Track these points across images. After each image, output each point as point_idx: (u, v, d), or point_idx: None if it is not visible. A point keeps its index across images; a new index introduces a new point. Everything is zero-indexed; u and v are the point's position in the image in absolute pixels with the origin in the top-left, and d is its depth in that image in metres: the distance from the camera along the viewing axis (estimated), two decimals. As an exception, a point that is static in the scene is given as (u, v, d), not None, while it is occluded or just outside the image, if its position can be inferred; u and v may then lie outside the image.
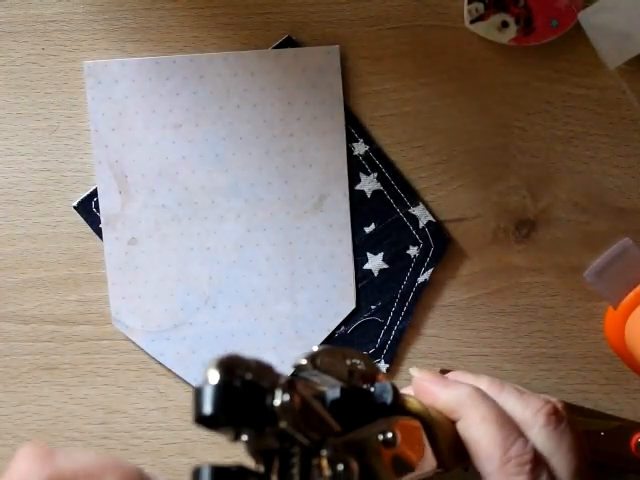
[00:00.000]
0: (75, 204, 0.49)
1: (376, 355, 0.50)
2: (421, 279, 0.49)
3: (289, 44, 0.48)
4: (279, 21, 0.49)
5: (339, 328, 0.50)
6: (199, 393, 0.26)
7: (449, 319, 0.50)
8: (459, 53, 0.49)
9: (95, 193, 0.49)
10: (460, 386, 0.37)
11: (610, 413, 0.49)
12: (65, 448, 0.28)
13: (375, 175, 0.49)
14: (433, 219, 0.49)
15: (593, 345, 0.50)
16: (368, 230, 0.49)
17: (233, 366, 0.26)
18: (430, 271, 0.49)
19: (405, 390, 0.40)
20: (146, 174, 0.49)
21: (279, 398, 0.27)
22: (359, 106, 0.49)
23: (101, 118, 0.49)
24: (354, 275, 0.49)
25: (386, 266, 0.49)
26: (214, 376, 0.26)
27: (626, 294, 0.47)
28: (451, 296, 0.50)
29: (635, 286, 0.47)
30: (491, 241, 0.49)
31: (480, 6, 0.47)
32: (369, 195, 0.49)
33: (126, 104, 0.49)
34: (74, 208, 0.49)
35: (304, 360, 0.30)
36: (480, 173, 0.49)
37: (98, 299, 0.50)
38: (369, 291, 0.50)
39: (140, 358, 0.50)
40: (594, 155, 0.49)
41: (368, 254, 0.49)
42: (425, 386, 0.38)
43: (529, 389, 0.49)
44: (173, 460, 0.50)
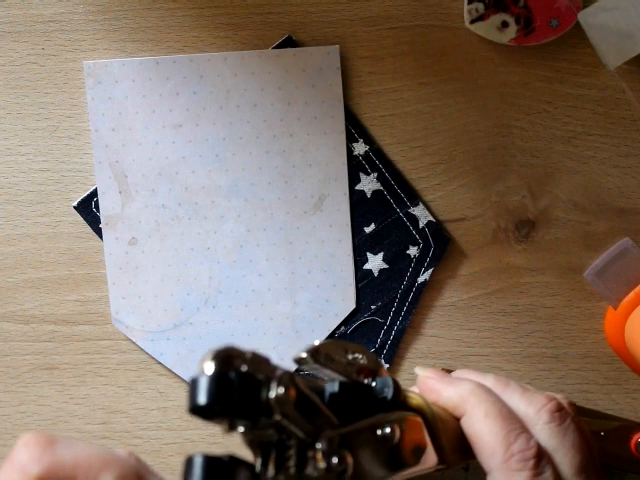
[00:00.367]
0: (75, 204, 0.49)
1: (376, 355, 0.49)
2: (421, 279, 0.49)
3: (289, 44, 0.48)
4: (279, 21, 0.49)
5: (339, 328, 0.50)
6: (194, 384, 0.26)
7: (449, 319, 0.50)
8: (459, 53, 0.49)
9: (95, 193, 0.49)
10: (463, 382, 0.37)
11: (610, 413, 0.49)
12: (66, 437, 0.28)
13: (375, 175, 0.49)
14: (433, 219, 0.49)
15: (593, 345, 0.50)
16: (368, 230, 0.49)
17: (229, 358, 0.27)
18: (430, 271, 0.49)
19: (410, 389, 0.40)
20: (146, 174, 0.49)
21: (274, 390, 0.27)
22: (359, 106, 0.49)
23: (101, 118, 0.49)
24: (354, 275, 0.49)
25: (386, 266, 0.49)
26: (209, 367, 0.26)
27: (626, 294, 0.47)
28: (451, 296, 0.50)
29: (635, 286, 0.47)
30: (491, 241, 0.49)
31: (480, 6, 0.47)
32: (369, 195, 0.49)
33: (126, 104, 0.49)
34: (74, 208, 0.49)
35: (305, 353, 0.30)
36: (480, 173, 0.49)
37: (98, 299, 0.50)
38: (369, 291, 0.50)
39: (140, 358, 0.50)
40: (594, 155, 0.49)
41: (368, 254, 0.49)
42: (429, 383, 0.38)
43: (529, 389, 0.50)
44: (173, 460, 0.50)
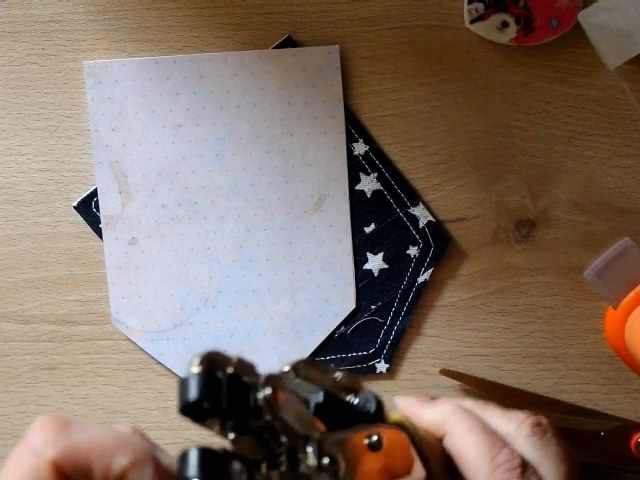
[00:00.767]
0: (75, 204, 0.49)
1: (376, 355, 0.50)
2: (421, 279, 0.49)
3: (289, 44, 0.48)
4: (279, 21, 0.49)
5: (339, 328, 0.50)
6: (183, 383, 0.26)
7: (449, 319, 0.50)
8: (459, 53, 0.49)
9: (95, 193, 0.49)
10: (444, 403, 0.38)
11: (610, 413, 0.49)
12: (80, 420, 0.28)
13: (375, 175, 0.49)
14: (433, 219, 0.49)
15: (593, 345, 0.50)
16: (368, 230, 0.49)
17: (215, 361, 0.27)
18: (430, 271, 0.49)
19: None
20: (146, 174, 0.49)
21: (262, 392, 0.27)
22: (359, 106, 0.49)
23: (101, 118, 0.49)
24: (354, 275, 0.49)
25: (386, 266, 0.49)
26: (197, 368, 0.27)
27: (626, 294, 0.47)
28: (451, 296, 0.50)
29: (635, 286, 0.47)
30: (491, 241, 0.49)
31: (480, 6, 0.47)
32: (369, 195, 0.49)
33: (126, 104, 0.49)
34: (74, 208, 0.49)
35: (287, 367, 0.31)
36: (480, 173, 0.49)
37: (98, 299, 0.50)
38: (369, 291, 0.50)
39: (140, 358, 0.50)
40: (594, 155, 0.49)
41: (368, 254, 0.49)
42: (409, 408, 0.38)
43: (529, 389, 0.50)
44: (173, 460, 0.50)
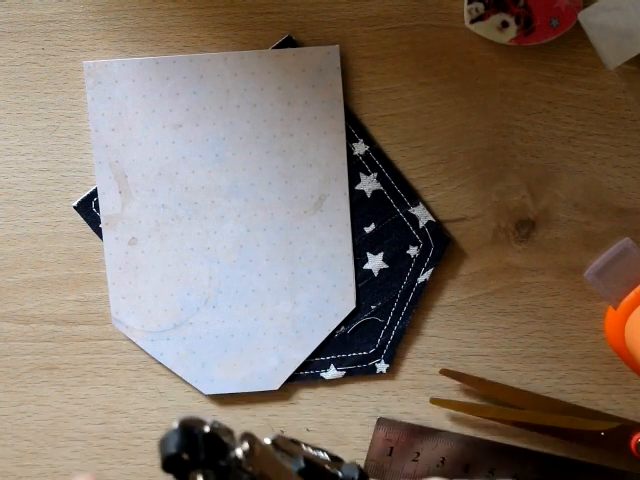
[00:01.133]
0: (75, 204, 0.49)
1: (376, 355, 0.50)
2: (421, 279, 0.49)
3: (289, 44, 0.48)
4: (279, 21, 0.49)
5: (339, 328, 0.50)
6: (163, 440, 0.28)
7: (449, 319, 0.50)
8: (459, 53, 0.49)
9: (95, 193, 0.49)
10: None
11: (610, 413, 0.49)
12: None
13: (375, 175, 0.49)
14: (433, 219, 0.49)
15: (593, 345, 0.50)
16: (368, 230, 0.49)
17: (193, 422, 0.29)
18: (430, 271, 0.49)
19: None
20: (146, 174, 0.49)
21: (240, 447, 0.29)
22: (359, 106, 0.49)
23: (101, 118, 0.49)
24: (354, 275, 0.49)
25: (386, 266, 0.49)
26: (176, 425, 0.29)
27: (626, 294, 0.47)
28: (451, 296, 0.50)
29: (635, 286, 0.47)
30: (491, 241, 0.49)
31: (480, 6, 0.47)
32: (369, 195, 0.49)
33: (126, 104, 0.49)
34: (74, 208, 0.49)
35: (267, 439, 0.32)
36: (480, 173, 0.49)
37: (98, 299, 0.50)
38: (369, 291, 0.50)
39: (140, 358, 0.50)
40: (594, 155, 0.49)
41: (368, 254, 0.49)
42: None
43: (529, 389, 0.50)
44: (173, 460, 0.50)
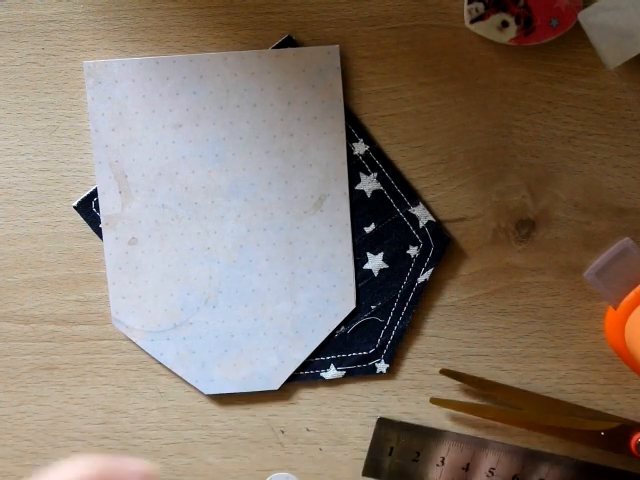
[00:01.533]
0: (75, 204, 0.49)
1: (376, 355, 0.50)
2: (421, 279, 0.49)
3: (289, 44, 0.48)
4: (279, 21, 0.49)
5: (339, 328, 0.50)
6: None
7: (449, 319, 0.50)
8: (459, 53, 0.49)
9: (95, 193, 0.49)
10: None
11: (610, 413, 0.49)
12: None
13: (375, 175, 0.49)
14: (433, 219, 0.49)
15: (593, 345, 0.50)
16: (368, 230, 0.49)
17: None
18: (430, 271, 0.49)
19: None
20: (146, 174, 0.49)
21: None
22: (359, 106, 0.49)
23: (101, 118, 0.49)
24: (354, 275, 0.49)
25: (386, 266, 0.49)
26: None
27: (626, 294, 0.47)
28: (451, 296, 0.50)
29: (635, 286, 0.47)
30: (491, 241, 0.49)
31: (480, 6, 0.47)
32: (369, 195, 0.49)
33: (126, 104, 0.49)
34: (74, 208, 0.49)
35: None
36: (480, 173, 0.49)
37: (98, 299, 0.50)
38: (369, 291, 0.50)
39: (140, 358, 0.50)
40: (594, 155, 0.49)
41: (368, 254, 0.49)
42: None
43: (529, 389, 0.50)
44: (173, 460, 0.50)
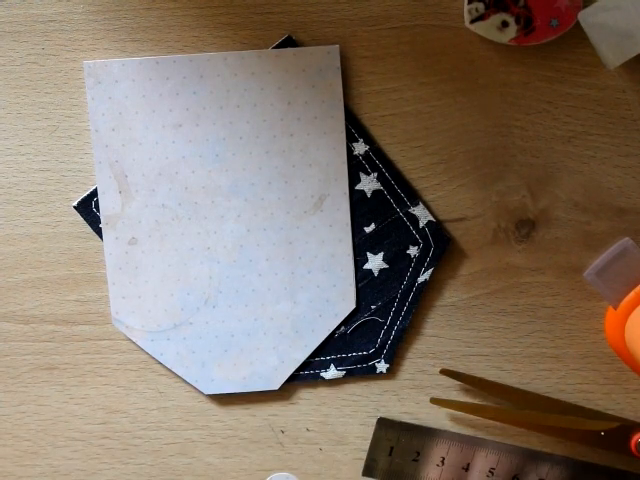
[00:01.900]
0: (75, 204, 0.49)
1: (376, 355, 0.50)
2: (421, 279, 0.49)
3: (289, 44, 0.48)
4: (279, 21, 0.49)
5: (339, 328, 0.50)
6: None
7: (449, 319, 0.50)
8: (459, 53, 0.49)
9: (95, 193, 0.49)
10: None
11: (610, 413, 0.49)
12: None
13: (375, 175, 0.49)
14: (433, 219, 0.49)
15: (593, 345, 0.50)
16: (368, 230, 0.49)
17: None
18: (430, 271, 0.49)
19: None
20: (146, 174, 0.49)
21: None
22: (359, 106, 0.49)
23: (101, 118, 0.49)
24: (354, 275, 0.49)
25: (386, 266, 0.49)
26: None
27: (626, 294, 0.47)
28: (451, 296, 0.50)
29: (635, 286, 0.47)
30: (491, 241, 0.49)
31: (480, 6, 0.47)
32: (369, 195, 0.49)
33: (126, 104, 0.49)
34: (74, 208, 0.49)
35: None
36: (480, 173, 0.49)
37: (98, 299, 0.50)
38: (369, 291, 0.50)
39: (140, 358, 0.50)
40: (594, 155, 0.49)
41: (368, 254, 0.49)
42: None
43: (529, 389, 0.50)
44: (173, 460, 0.50)
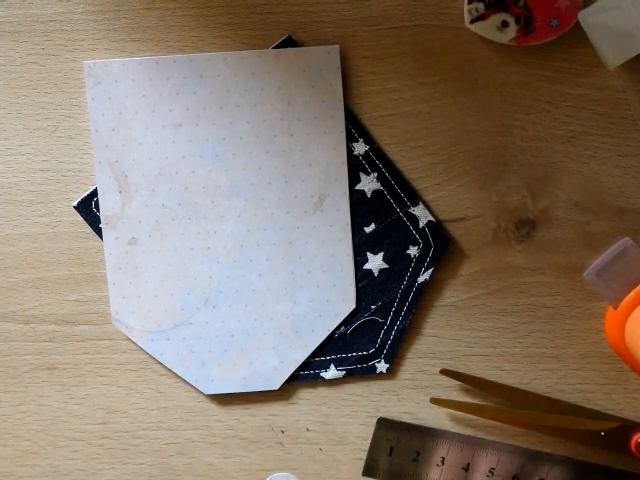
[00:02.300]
0: (75, 204, 0.49)
1: (376, 355, 0.50)
2: (421, 279, 0.49)
3: (289, 44, 0.48)
4: (279, 21, 0.49)
5: (339, 328, 0.50)
6: None
7: (449, 319, 0.50)
8: (459, 53, 0.49)
9: (95, 193, 0.49)
10: None
11: (610, 413, 0.49)
12: None
13: (375, 175, 0.49)
14: (433, 219, 0.49)
15: (593, 345, 0.50)
16: (368, 230, 0.49)
17: None
18: (430, 271, 0.49)
19: None
20: (146, 174, 0.49)
21: None
22: (359, 106, 0.49)
23: (101, 118, 0.49)
24: (354, 275, 0.49)
25: (386, 266, 0.49)
26: None
27: (626, 294, 0.47)
28: (451, 296, 0.50)
29: (635, 286, 0.47)
30: (491, 241, 0.49)
31: (480, 6, 0.47)
32: (369, 195, 0.49)
33: (126, 104, 0.49)
34: (74, 208, 0.49)
35: None
36: (480, 173, 0.49)
37: (98, 299, 0.50)
38: (369, 291, 0.50)
39: (140, 358, 0.50)
40: (594, 155, 0.49)
41: (368, 254, 0.49)
42: None
43: (529, 389, 0.50)
44: (173, 460, 0.50)
